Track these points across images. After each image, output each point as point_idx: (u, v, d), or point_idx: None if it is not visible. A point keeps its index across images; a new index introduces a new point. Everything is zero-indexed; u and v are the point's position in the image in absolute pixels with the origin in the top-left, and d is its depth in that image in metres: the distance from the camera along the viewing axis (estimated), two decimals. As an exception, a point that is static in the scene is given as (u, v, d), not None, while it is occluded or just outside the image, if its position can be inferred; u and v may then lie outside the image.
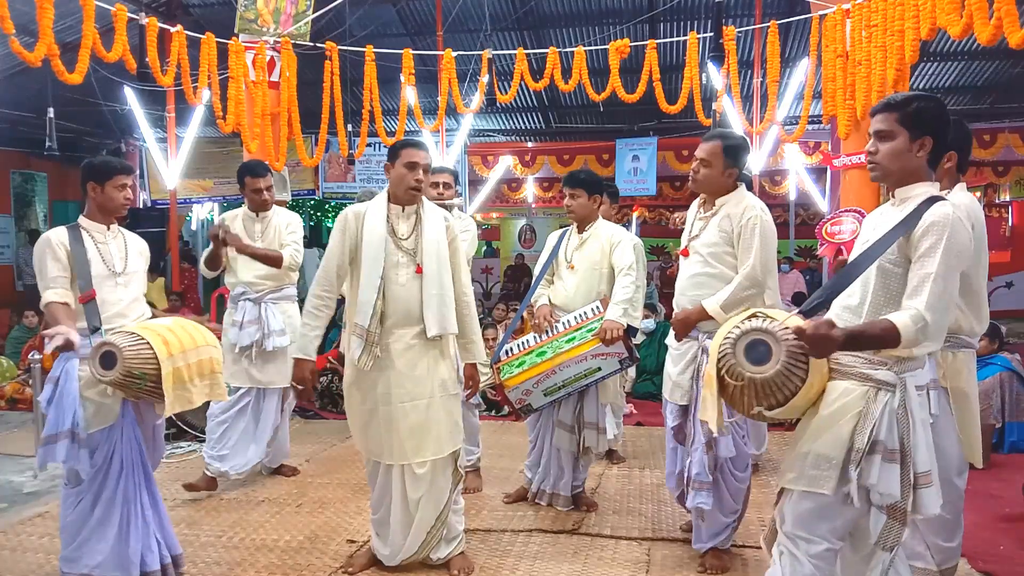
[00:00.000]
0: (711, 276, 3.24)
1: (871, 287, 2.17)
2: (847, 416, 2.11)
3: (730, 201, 3.25)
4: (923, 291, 2.02)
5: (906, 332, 2.00)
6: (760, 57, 7.54)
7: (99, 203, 3.10)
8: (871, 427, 2.07)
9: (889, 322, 2.02)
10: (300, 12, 6.28)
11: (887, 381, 2.10)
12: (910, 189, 2.20)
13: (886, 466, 2.06)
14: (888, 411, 2.08)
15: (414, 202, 3.25)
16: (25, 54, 4.27)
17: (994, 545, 3.63)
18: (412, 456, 3.14)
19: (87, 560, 2.94)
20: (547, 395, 3.84)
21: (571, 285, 4.00)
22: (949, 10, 3.77)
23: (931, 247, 2.04)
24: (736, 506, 3.36)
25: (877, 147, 2.20)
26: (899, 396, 2.09)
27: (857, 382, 2.13)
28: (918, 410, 2.10)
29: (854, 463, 2.07)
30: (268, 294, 4.41)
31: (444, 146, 9.00)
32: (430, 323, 3.13)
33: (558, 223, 14.67)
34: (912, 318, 2.00)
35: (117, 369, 2.72)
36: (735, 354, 2.13)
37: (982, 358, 5.39)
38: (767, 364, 2.08)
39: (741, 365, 2.12)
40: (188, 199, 11.37)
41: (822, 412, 2.15)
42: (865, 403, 2.10)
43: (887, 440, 2.06)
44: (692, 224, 3.38)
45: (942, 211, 2.06)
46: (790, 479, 2.20)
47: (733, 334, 2.15)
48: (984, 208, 11.76)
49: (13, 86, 8.86)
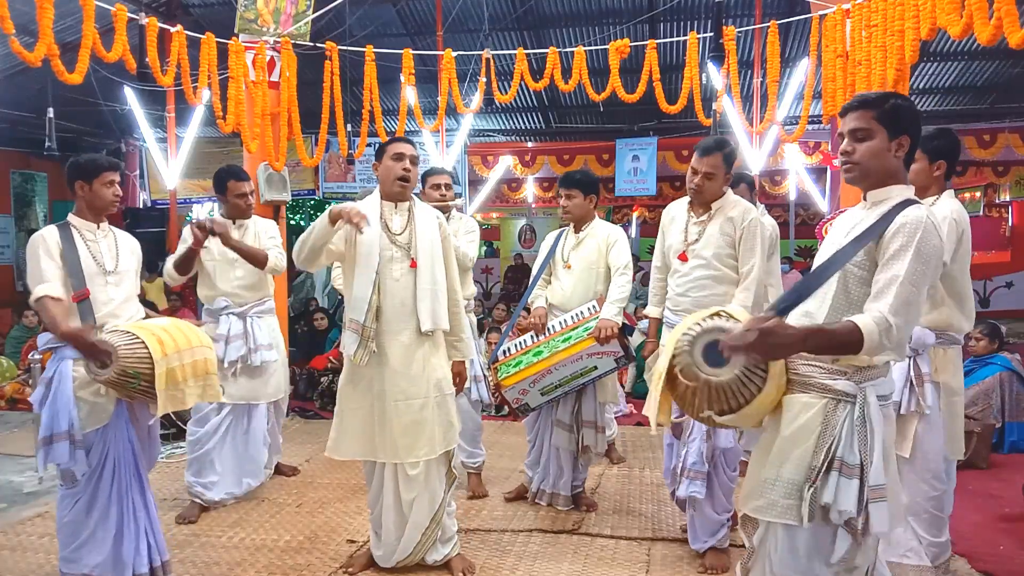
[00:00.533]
0: (713, 278, 3.36)
1: (831, 291, 2.07)
2: (811, 437, 2.01)
3: (726, 204, 3.39)
4: (888, 294, 1.92)
5: (869, 335, 1.89)
6: (760, 57, 7.53)
7: (88, 201, 3.07)
8: (829, 443, 1.99)
9: (852, 323, 1.91)
10: (300, 12, 6.27)
11: (847, 392, 2.01)
12: (885, 192, 2.10)
13: (844, 482, 1.97)
14: (848, 425, 1.99)
15: (404, 196, 3.26)
16: (25, 54, 4.26)
17: (994, 545, 3.63)
18: (404, 455, 3.13)
19: (87, 560, 2.94)
20: (544, 394, 3.88)
21: (568, 285, 4.04)
22: (949, 10, 3.77)
23: (900, 249, 1.94)
24: (728, 504, 3.40)
25: (854, 147, 2.09)
26: (859, 407, 2.00)
27: (816, 394, 2.04)
28: (878, 422, 2.01)
29: (808, 482, 1.99)
30: (253, 308, 4.26)
31: (444, 146, 9.00)
32: (423, 317, 3.14)
33: (558, 223, 14.60)
34: (876, 321, 1.90)
35: (112, 368, 2.72)
36: (692, 353, 2.04)
37: (982, 358, 5.40)
38: (724, 368, 1.99)
39: (697, 365, 2.03)
40: (188, 199, 11.35)
41: (783, 432, 2.06)
42: (824, 417, 2.01)
43: (846, 455, 1.98)
44: (686, 229, 3.44)
45: (914, 214, 1.97)
46: (756, 507, 2.09)
47: (692, 331, 2.06)
48: (984, 208, 11.78)
49: (13, 86, 8.85)
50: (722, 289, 3.34)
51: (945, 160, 2.93)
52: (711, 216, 3.38)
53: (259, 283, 4.30)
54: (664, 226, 3.62)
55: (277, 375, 4.42)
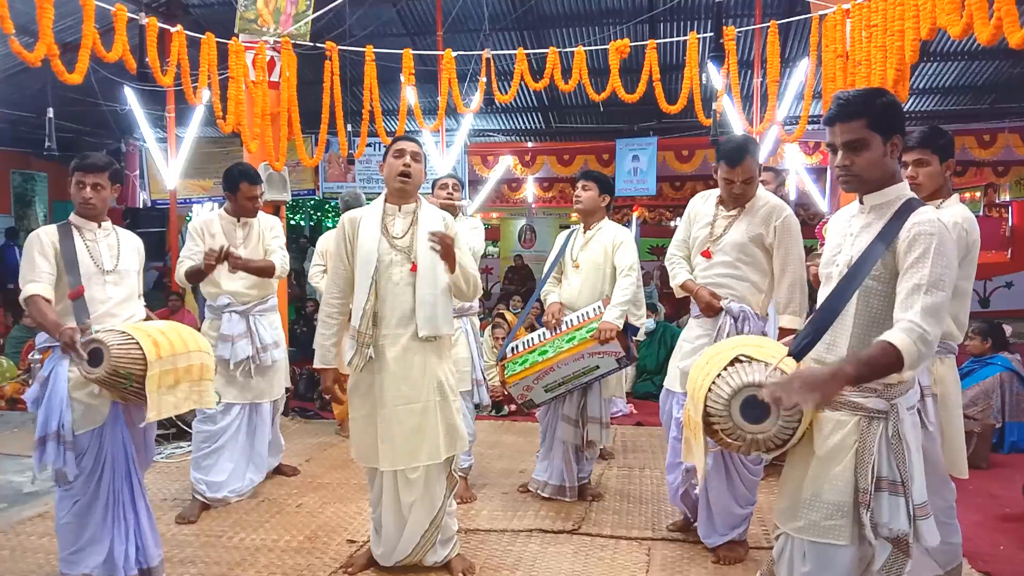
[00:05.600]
0: (733, 276, 3.32)
1: (851, 311, 2.01)
2: (847, 455, 1.98)
3: (757, 200, 3.33)
4: (915, 302, 1.87)
5: (908, 350, 1.83)
6: (760, 57, 7.53)
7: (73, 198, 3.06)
8: (872, 463, 1.95)
9: (886, 343, 1.85)
10: (300, 12, 6.27)
11: (879, 409, 1.98)
12: (884, 194, 2.04)
13: (892, 499, 1.95)
14: (884, 442, 1.97)
15: (407, 194, 3.22)
16: (25, 54, 4.26)
17: (994, 545, 3.63)
18: (406, 462, 3.12)
19: (87, 561, 2.94)
20: (548, 391, 3.97)
21: (576, 284, 4.11)
22: (949, 10, 3.77)
23: (921, 255, 1.89)
24: (752, 497, 3.42)
25: (852, 159, 2.00)
26: (892, 423, 1.97)
27: (848, 412, 2.00)
28: (911, 436, 1.99)
29: (863, 505, 1.95)
30: (256, 306, 4.26)
31: (444, 146, 9.00)
32: (422, 323, 3.10)
33: (558, 223, 14.66)
34: (907, 332, 1.84)
35: (103, 367, 2.70)
36: (731, 416, 1.97)
37: (982, 358, 5.40)
38: (767, 422, 1.95)
39: (740, 428, 1.97)
40: (188, 199, 11.34)
41: (818, 452, 2.02)
42: (860, 435, 1.98)
43: (889, 474, 1.96)
44: (713, 223, 3.39)
45: (927, 217, 1.93)
46: (798, 527, 2.05)
47: (723, 392, 1.98)
48: (984, 208, 11.78)
49: (13, 86, 8.85)
50: (743, 287, 3.31)
51: (952, 158, 2.85)
52: (741, 211, 3.34)
53: (263, 282, 4.30)
54: (690, 215, 3.53)
55: (280, 373, 4.45)
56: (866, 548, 2.01)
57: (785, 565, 2.12)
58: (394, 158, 3.18)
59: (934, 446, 2.81)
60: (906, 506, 1.95)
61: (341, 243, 3.20)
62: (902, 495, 1.96)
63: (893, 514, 1.95)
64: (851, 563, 2.01)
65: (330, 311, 3.22)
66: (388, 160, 3.20)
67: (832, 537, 1.99)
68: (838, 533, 1.98)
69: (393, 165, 3.17)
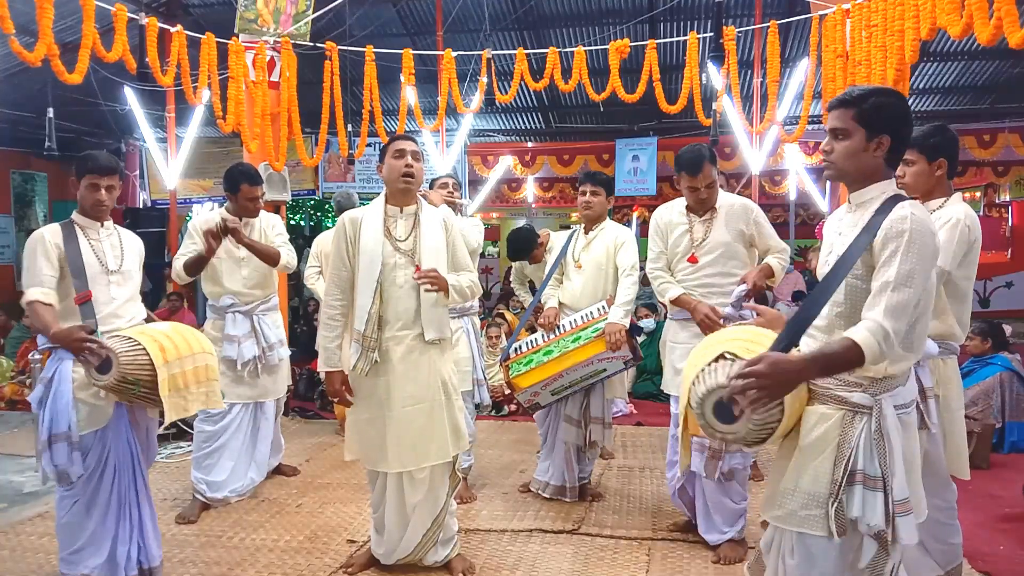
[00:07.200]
0: (722, 274, 3.46)
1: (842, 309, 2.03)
2: (828, 447, 2.00)
3: (723, 201, 3.53)
4: (881, 300, 1.89)
5: (868, 347, 1.85)
6: (760, 57, 7.53)
7: (78, 199, 3.03)
8: (848, 456, 1.97)
9: (848, 339, 1.88)
10: (300, 12, 6.27)
11: (863, 404, 1.98)
12: (865, 192, 2.06)
13: (869, 495, 1.95)
14: (865, 437, 1.97)
15: (410, 195, 3.21)
16: (25, 54, 4.26)
17: (994, 545, 3.63)
18: (416, 463, 3.11)
19: (87, 562, 2.94)
20: (554, 394, 3.99)
21: (578, 285, 4.10)
22: (949, 10, 3.77)
23: (892, 252, 1.91)
24: (744, 492, 3.46)
25: (832, 146, 2.07)
26: (876, 419, 1.97)
27: (834, 406, 2.02)
28: (895, 434, 1.98)
29: (832, 496, 1.97)
30: (259, 306, 4.25)
31: (444, 146, 9.00)
32: (427, 327, 3.10)
33: (558, 223, 14.64)
34: (870, 330, 1.86)
35: (112, 374, 2.71)
36: (704, 415, 2.01)
37: (982, 358, 5.40)
38: (738, 423, 1.97)
39: (712, 426, 2.02)
40: (188, 199, 11.34)
41: (801, 443, 2.04)
42: (842, 429, 1.99)
43: (867, 468, 1.96)
44: (691, 230, 3.51)
45: (901, 214, 1.93)
46: (776, 516, 2.09)
47: (698, 391, 2.01)
48: (984, 208, 11.77)
49: (13, 86, 8.84)
50: (730, 281, 3.42)
51: (945, 158, 2.77)
52: (714, 214, 3.51)
53: (265, 281, 4.28)
54: (661, 228, 3.63)
55: (285, 371, 4.47)
56: (852, 544, 2.00)
57: (774, 556, 2.15)
58: (395, 159, 3.14)
59: (936, 447, 2.81)
60: (884, 502, 1.95)
61: (342, 244, 3.17)
62: (880, 491, 1.96)
63: (868, 509, 1.95)
64: (836, 558, 2.01)
65: (332, 313, 3.20)
66: (388, 161, 3.16)
67: (808, 527, 2.00)
68: (813, 523, 2.00)
69: (395, 166, 3.14)
